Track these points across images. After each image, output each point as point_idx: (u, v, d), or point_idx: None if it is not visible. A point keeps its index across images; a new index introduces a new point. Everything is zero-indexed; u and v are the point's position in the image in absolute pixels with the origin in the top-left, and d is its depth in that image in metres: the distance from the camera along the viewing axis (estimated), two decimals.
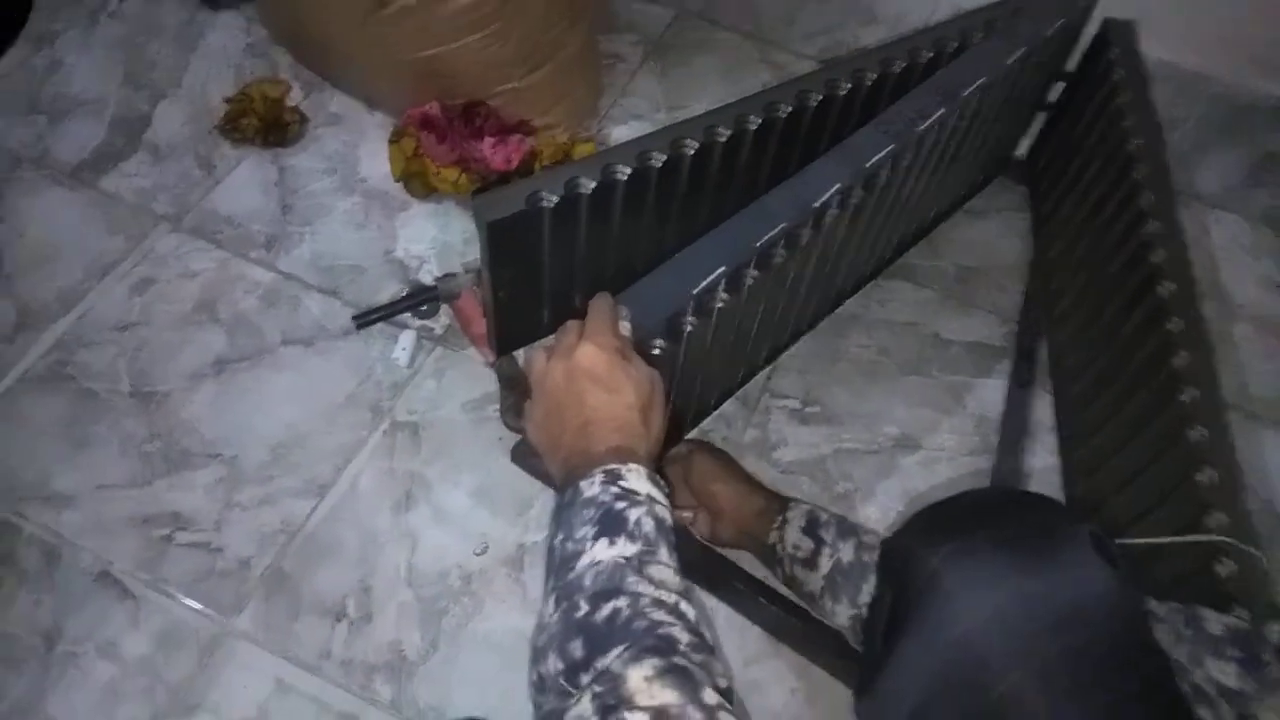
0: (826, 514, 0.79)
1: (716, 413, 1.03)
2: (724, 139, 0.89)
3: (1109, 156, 0.99)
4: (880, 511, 0.98)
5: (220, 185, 1.16)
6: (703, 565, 0.91)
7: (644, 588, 0.49)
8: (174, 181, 1.16)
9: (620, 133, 1.27)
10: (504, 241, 0.82)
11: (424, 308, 1.00)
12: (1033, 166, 1.23)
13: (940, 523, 0.61)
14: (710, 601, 0.91)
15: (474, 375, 1.03)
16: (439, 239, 1.14)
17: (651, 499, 0.55)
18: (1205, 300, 1.19)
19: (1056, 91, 1.15)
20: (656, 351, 0.75)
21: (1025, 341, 1.09)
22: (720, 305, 0.78)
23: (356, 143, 1.22)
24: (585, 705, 0.44)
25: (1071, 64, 1.13)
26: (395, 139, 1.14)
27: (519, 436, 0.97)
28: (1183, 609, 0.60)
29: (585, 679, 0.46)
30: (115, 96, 1.24)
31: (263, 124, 1.19)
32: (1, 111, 1.21)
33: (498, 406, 0.99)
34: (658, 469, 0.60)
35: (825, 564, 0.75)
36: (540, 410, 0.65)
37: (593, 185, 0.82)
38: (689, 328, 0.76)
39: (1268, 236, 1.28)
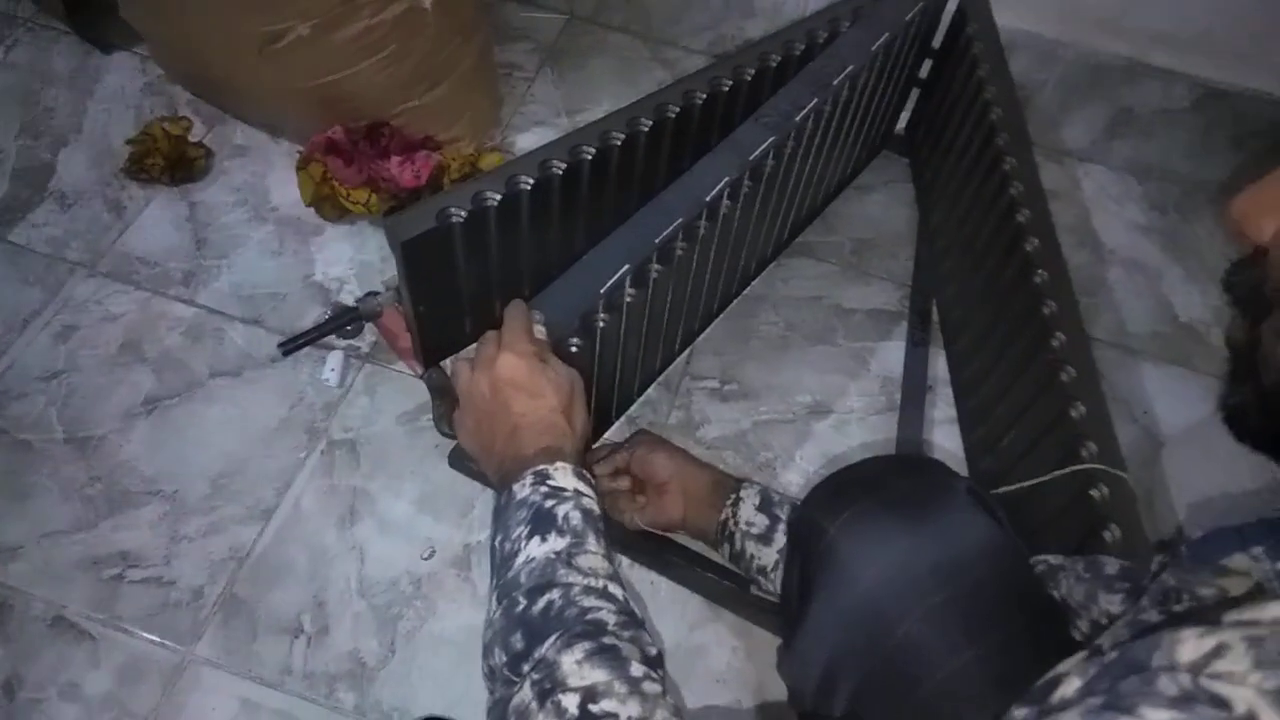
0: (779, 495, 0.83)
1: (641, 399, 1.09)
2: (619, 142, 0.94)
3: (975, 126, 1.08)
4: (800, 477, 1.05)
5: (132, 226, 1.17)
6: (641, 544, 0.96)
7: (574, 578, 0.55)
8: (85, 227, 1.17)
9: (524, 139, 1.31)
10: (419, 258, 0.86)
11: (348, 328, 1.04)
12: (911, 139, 1.31)
13: (834, 494, 0.68)
14: (650, 576, 0.97)
15: (405, 388, 1.07)
16: (356, 259, 1.17)
17: (578, 493, 0.60)
18: (1081, 248, 1.30)
19: (926, 68, 1.23)
20: (574, 349, 0.80)
21: (918, 303, 1.18)
22: (629, 300, 0.83)
23: (264, 172, 1.24)
24: (526, 692, 0.49)
25: (937, 41, 1.21)
26: (303, 165, 1.16)
27: (455, 442, 1.01)
28: (1084, 558, 0.67)
29: (526, 668, 0.51)
30: (15, 147, 1.23)
31: (168, 162, 1.20)
32: None
33: (431, 416, 1.03)
34: (585, 463, 0.66)
35: (779, 539, 0.79)
36: (470, 420, 0.70)
37: (499, 197, 0.87)
38: (601, 324, 0.82)
39: (1131, 184, 1.39)
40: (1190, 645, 0.32)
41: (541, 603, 0.54)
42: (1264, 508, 0.81)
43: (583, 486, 0.62)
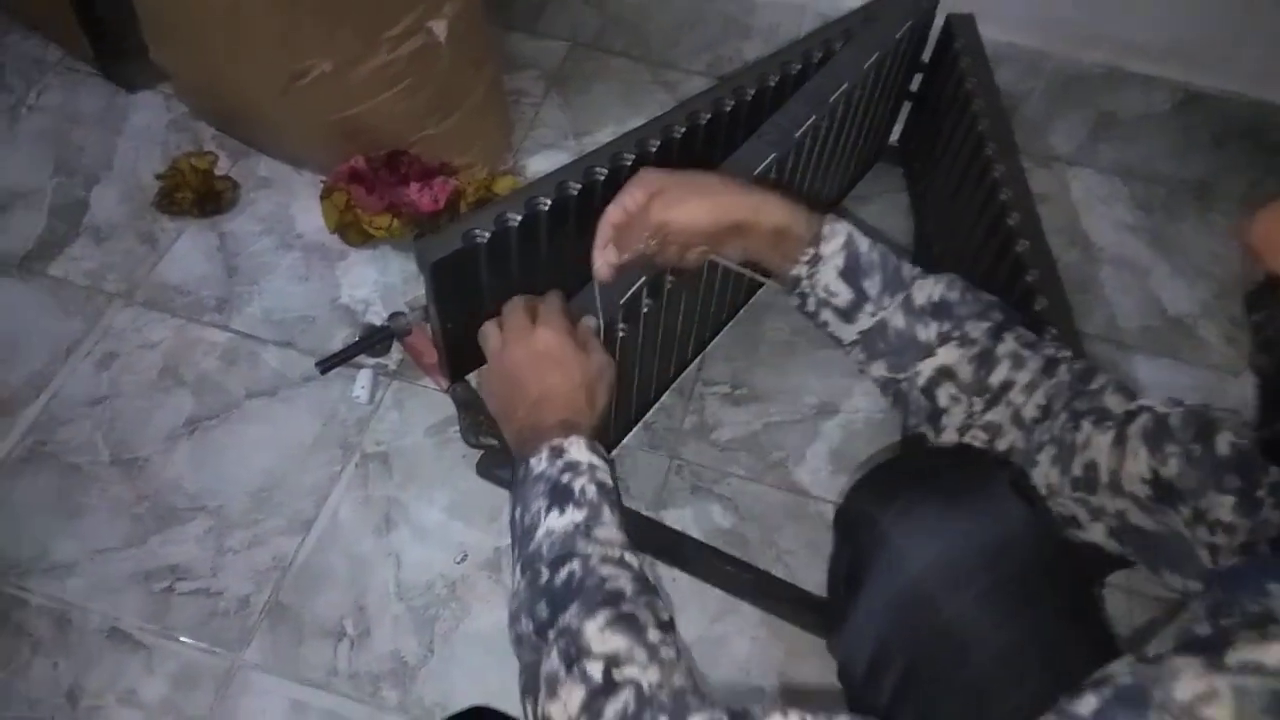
0: (868, 249, 0.70)
1: (657, 405, 1.14)
2: (630, 162, 1.00)
3: (965, 135, 1.13)
4: (810, 473, 1.10)
5: (165, 257, 1.23)
6: (658, 539, 1.02)
7: (592, 548, 0.58)
8: (120, 259, 1.22)
9: (535, 162, 1.37)
10: (446, 278, 0.92)
11: (377, 346, 1.09)
12: (905, 150, 1.37)
13: (884, 485, 0.72)
14: (672, 573, 1.02)
15: (432, 402, 1.12)
16: (380, 281, 1.23)
17: (593, 467, 0.63)
18: (1071, 248, 1.36)
19: (917, 82, 1.30)
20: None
21: None
22: (645, 310, 0.89)
23: (288, 202, 1.30)
24: (554, 659, 0.53)
25: (926, 55, 1.27)
26: (326, 195, 1.22)
27: (482, 452, 1.06)
28: (1195, 417, 0.59)
29: (551, 635, 0.54)
30: (50, 185, 1.29)
31: (197, 195, 1.26)
32: None
33: (458, 428, 1.09)
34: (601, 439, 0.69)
35: (865, 320, 0.70)
36: (497, 384, 0.73)
37: (519, 218, 0.93)
38: (621, 333, 0.87)
39: (1118, 185, 1.45)
40: (1187, 684, 0.35)
41: (564, 573, 0.57)
42: None
43: (597, 460, 0.63)
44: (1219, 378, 1.23)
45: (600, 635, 0.52)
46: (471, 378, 1.10)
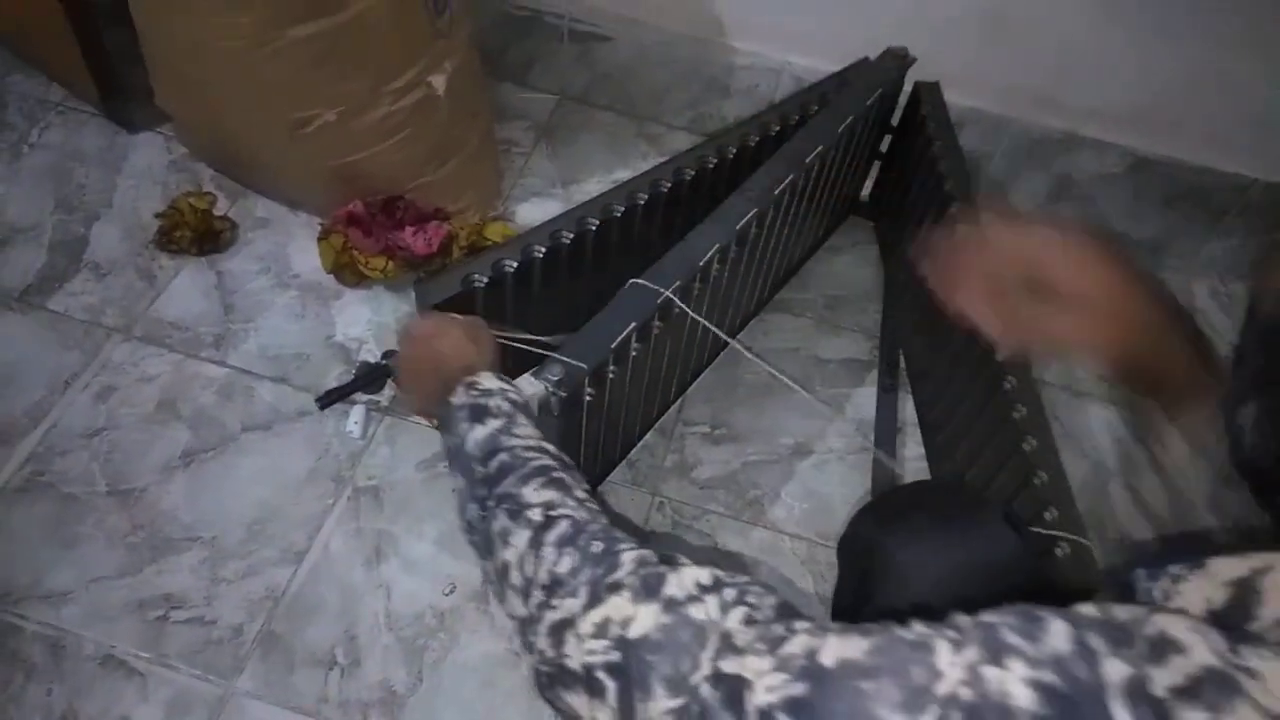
0: None
1: (640, 444, 1.19)
2: (619, 214, 1.06)
3: (931, 193, 1.21)
4: (786, 511, 1.15)
5: (163, 294, 1.27)
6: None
7: (514, 442, 0.65)
8: (119, 295, 1.26)
9: (524, 209, 1.43)
10: None
11: (372, 384, 1.13)
12: (875, 205, 1.45)
13: (887, 514, 0.79)
14: None
15: (422, 438, 1.16)
16: (374, 320, 1.27)
17: (502, 389, 0.71)
18: None
19: (887, 143, 1.38)
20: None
21: (886, 353, 1.30)
22: (634, 353, 0.94)
23: (285, 242, 1.34)
24: (501, 517, 0.60)
25: (895, 119, 1.35)
26: (324, 236, 1.27)
27: None
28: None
29: (493, 504, 0.61)
30: (50, 222, 1.33)
31: (195, 234, 1.30)
32: None
33: (447, 463, 1.13)
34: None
35: None
36: (409, 379, 0.83)
37: (515, 264, 0.99)
38: (611, 375, 0.92)
39: None
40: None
41: (495, 463, 0.64)
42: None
43: (503, 384, 0.72)
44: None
45: (536, 492, 0.60)
46: None
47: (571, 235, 1.02)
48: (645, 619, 0.49)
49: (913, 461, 1.20)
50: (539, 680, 0.55)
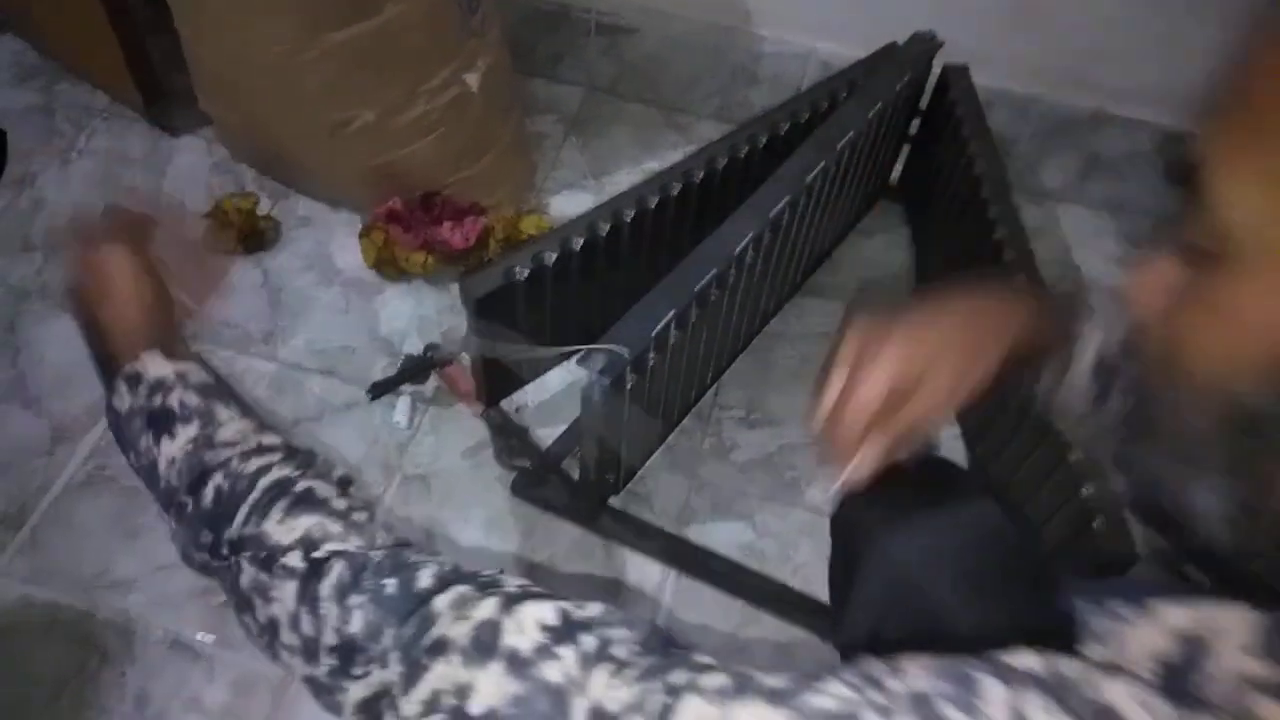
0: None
1: (678, 428, 1.22)
2: (654, 204, 1.08)
3: (961, 176, 1.22)
4: (822, 491, 1.18)
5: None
6: (685, 555, 1.09)
7: (225, 453, 0.52)
8: None
9: (557, 201, 1.45)
10: (487, 312, 1.00)
11: (418, 375, 1.17)
12: (905, 188, 1.46)
13: (870, 492, 0.80)
14: (698, 584, 1.09)
15: (465, 427, 1.20)
16: (415, 314, 1.30)
17: (180, 375, 0.56)
18: (1063, 281, 1.44)
19: (916, 126, 1.39)
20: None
21: None
22: (674, 341, 0.97)
23: (327, 239, 1.38)
24: (249, 569, 0.49)
25: (924, 102, 1.36)
26: (365, 233, 1.30)
27: (516, 472, 1.14)
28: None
29: (226, 551, 0.50)
30: None
31: (241, 234, 1.34)
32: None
33: (492, 450, 1.16)
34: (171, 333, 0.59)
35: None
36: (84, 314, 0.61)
37: (554, 256, 1.01)
38: (652, 363, 0.95)
39: (1106, 220, 1.53)
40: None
41: (209, 493, 0.52)
42: None
43: (181, 366, 0.56)
44: None
45: (282, 527, 0.49)
46: (505, 403, 1.18)
47: (608, 226, 1.05)
48: (487, 688, 0.40)
49: (946, 439, 1.22)
50: None
